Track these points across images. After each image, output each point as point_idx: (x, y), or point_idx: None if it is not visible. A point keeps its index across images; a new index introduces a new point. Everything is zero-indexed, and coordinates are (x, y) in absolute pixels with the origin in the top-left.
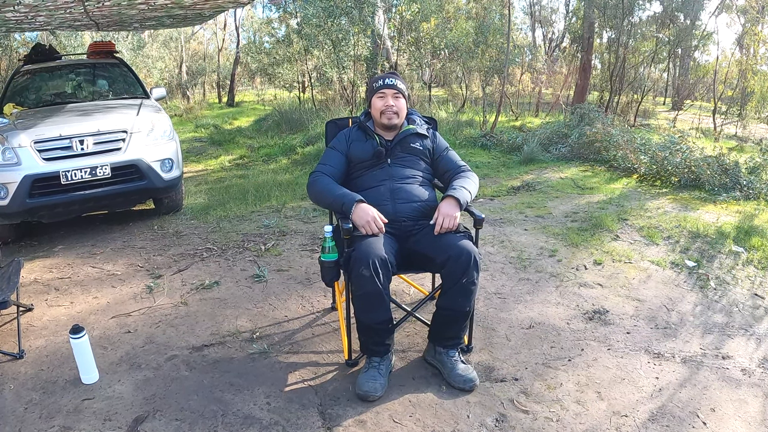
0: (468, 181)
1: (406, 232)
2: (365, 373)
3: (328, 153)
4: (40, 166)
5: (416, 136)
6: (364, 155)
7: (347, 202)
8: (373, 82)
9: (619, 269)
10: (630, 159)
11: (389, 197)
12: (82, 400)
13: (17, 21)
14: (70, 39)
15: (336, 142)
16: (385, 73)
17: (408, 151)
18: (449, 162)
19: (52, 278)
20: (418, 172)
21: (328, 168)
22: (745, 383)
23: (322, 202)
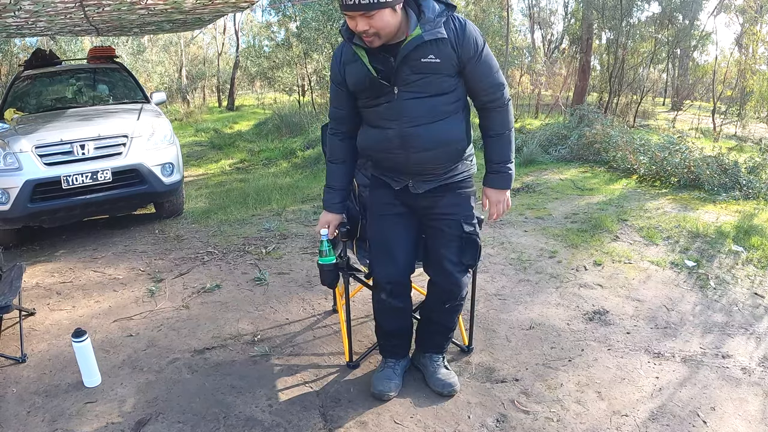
0: (506, 144)
1: (423, 207)
2: (380, 373)
3: (333, 91)
4: (42, 171)
5: (429, 45)
6: (359, 85)
7: (324, 203)
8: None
9: (618, 270)
10: (629, 160)
11: (400, 146)
12: (84, 403)
13: (18, 26)
14: (70, 44)
15: (332, 70)
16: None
17: (420, 70)
18: (477, 78)
19: (54, 282)
20: (441, 98)
21: (338, 116)
22: (745, 382)
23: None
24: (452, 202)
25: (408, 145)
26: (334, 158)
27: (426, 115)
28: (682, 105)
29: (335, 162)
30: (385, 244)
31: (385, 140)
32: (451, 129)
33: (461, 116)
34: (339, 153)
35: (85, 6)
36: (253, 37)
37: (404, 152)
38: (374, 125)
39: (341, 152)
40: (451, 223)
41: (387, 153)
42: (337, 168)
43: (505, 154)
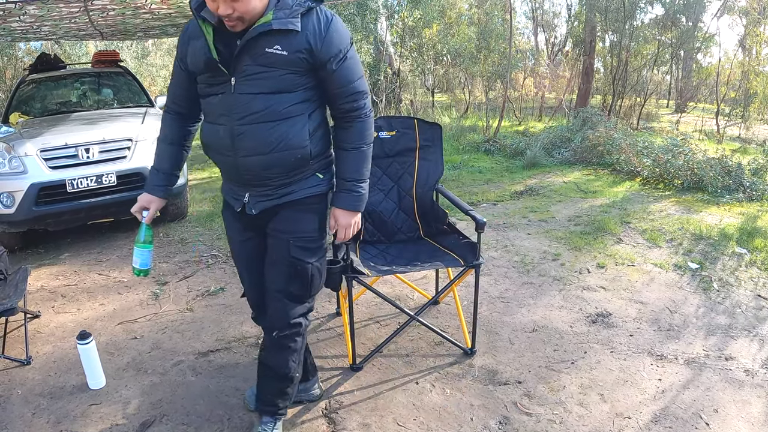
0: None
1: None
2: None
3: (175, 68)
4: (46, 174)
5: (277, 34)
6: (197, 65)
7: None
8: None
9: (622, 272)
10: (633, 162)
11: (230, 146)
12: (89, 405)
13: (23, 31)
14: (75, 48)
15: (178, 44)
16: None
17: (262, 61)
18: (338, 82)
19: (59, 285)
20: (281, 96)
21: (175, 93)
22: (748, 384)
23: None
24: (286, 217)
25: (237, 146)
26: (163, 137)
27: (261, 113)
28: (685, 107)
29: (164, 141)
30: (243, 268)
31: (217, 138)
32: (289, 132)
33: (307, 121)
34: (168, 132)
35: (90, 11)
36: None
37: (233, 155)
38: (209, 120)
39: (171, 132)
40: (279, 242)
41: (220, 154)
42: (165, 148)
43: (360, 171)
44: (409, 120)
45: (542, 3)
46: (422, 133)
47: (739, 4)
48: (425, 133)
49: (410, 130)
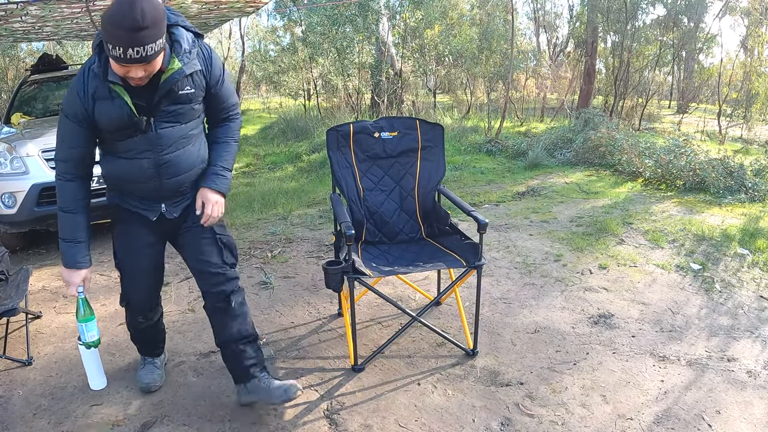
0: (232, 152)
1: (176, 227)
2: (143, 369)
3: (65, 125)
4: (48, 174)
5: (187, 76)
6: (115, 123)
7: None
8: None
9: (624, 273)
10: (635, 163)
11: (154, 174)
12: (90, 406)
13: (24, 31)
14: (77, 48)
15: (71, 105)
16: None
17: (176, 100)
18: (223, 100)
19: (60, 286)
20: (191, 123)
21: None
22: (751, 385)
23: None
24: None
25: (163, 172)
26: (73, 207)
27: (179, 141)
28: (687, 108)
29: (75, 211)
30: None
31: (138, 170)
32: (198, 151)
33: (203, 136)
34: (79, 200)
35: (92, 11)
36: (259, 42)
37: (158, 180)
38: (124, 156)
39: (82, 198)
40: (203, 230)
41: (140, 183)
42: (76, 217)
43: (229, 160)
44: (410, 120)
45: (544, 4)
46: (424, 134)
47: (741, 4)
48: (427, 134)
49: (412, 131)
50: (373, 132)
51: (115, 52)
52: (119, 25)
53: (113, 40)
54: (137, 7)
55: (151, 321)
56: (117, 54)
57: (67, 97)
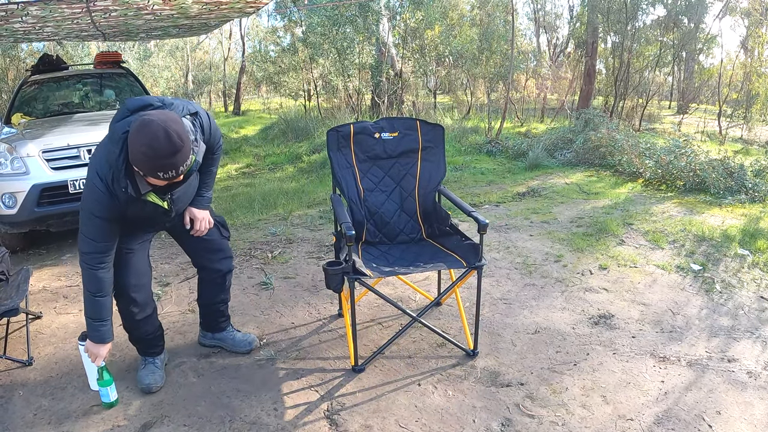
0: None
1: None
2: (144, 369)
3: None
4: (48, 175)
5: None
6: (147, 216)
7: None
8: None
9: (624, 274)
10: (635, 163)
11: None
12: (90, 406)
13: (25, 31)
14: (77, 49)
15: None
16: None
17: (190, 187)
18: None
19: (61, 286)
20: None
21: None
22: (751, 386)
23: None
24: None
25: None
26: (102, 293)
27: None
28: (687, 108)
29: (104, 296)
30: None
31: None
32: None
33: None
34: (107, 286)
35: (93, 11)
36: (259, 42)
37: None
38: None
39: (109, 284)
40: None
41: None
42: (105, 301)
43: (210, 185)
44: (411, 121)
45: (544, 4)
46: (424, 135)
47: (741, 5)
48: (427, 135)
49: (412, 132)
50: (374, 132)
51: (167, 176)
52: (164, 155)
53: (163, 169)
54: (171, 133)
55: (148, 311)
56: (170, 176)
57: (93, 202)
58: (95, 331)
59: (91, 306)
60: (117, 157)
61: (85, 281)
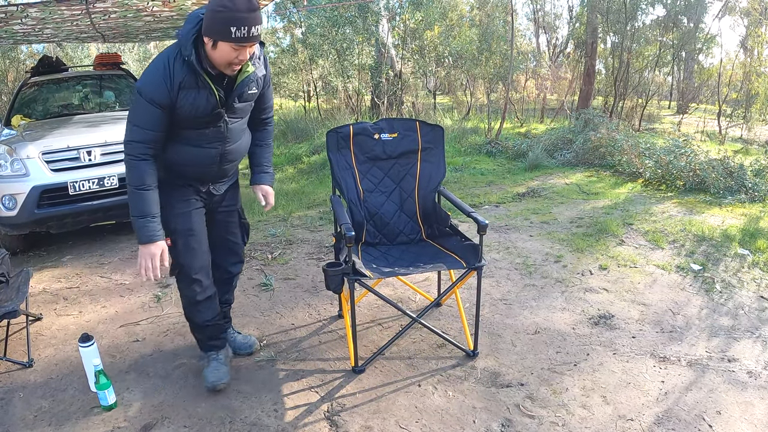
0: (271, 152)
1: (215, 203)
2: (209, 367)
3: (145, 109)
4: (48, 177)
5: (255, 79)
6: (198, 112)
7: (144, 235)
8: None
9: (624, 274)
10: (635, 163)
11: (218, 160)
12: (91, 407)
13: (24, 33)
14: (77, 51)
15: (155, 91)
16: (249, 7)
17: (244, 99)
18: (267, 100)
19: (61, 288)
20: (246, 118)
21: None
22: (752, 386)
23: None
24: (233, 195)
25: (224, 160)
26: (147, 185)
27: (240, 134)
28: (687, 108)
29: (149, 188)
30: (194, 237)
31: (206, 158)
32: (247, 141)
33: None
34: (152, 178)
35: (92, 13)
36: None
37: (219, 165)
38: (194, 144)
39: (154, 176)
40: (234, 213)
41: (202, 167)
42: (151, 194)
43: (270, 159)
44: (410, 122)
45: (543, 5)
46: (424, 135)
47: (741, 4)
48: (427, 135)
49: (412, 132)
50: (373, 133)
51: (240, 33)
52: (241, 9)
53: (237, 23)
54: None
55: (209, 292)
56: (241, 34)
57: (147, 83)
58: (142, 229)
59: (136, 201)
60: (189, 30)
61: (128, 176)
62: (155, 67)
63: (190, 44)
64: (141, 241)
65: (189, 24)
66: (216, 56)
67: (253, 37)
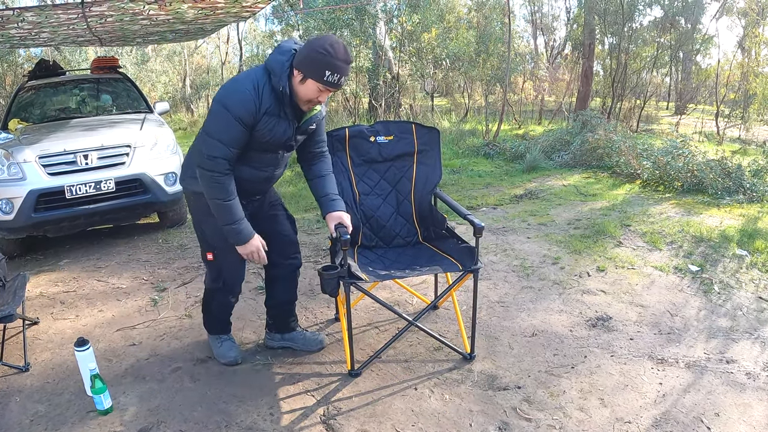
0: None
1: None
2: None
3: (231, 126)
4: (45, 180)
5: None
6: (274, 138)
7: (241, 238)
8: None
9: (622, 275)
10: (632, 165)
11: (264, 181)
12: (87, 412)
13: (21, 37)
14: (75, 54)
15: (244, 111)
16: (345, 59)
17: (303, 133)
18: (321, 133)
19: (58, 292)
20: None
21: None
22: (750, 387)
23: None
24: (273, 193)
25: (269, 181)
26: (230, 196)
27: (286, 161)
28: (685, 109)
29: (234, 197)
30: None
31: (256, 179)
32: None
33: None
34: (232, 189)
35: (88, 17)
36: (257, 46)
37: (264, 185)
38: (251, 165)
39: (233, 188)
40: (278, 206)
41: (250, 185)
42: (234, 202)
43: (335, 187)
44: (406, 124)
45: (541, 6)
46: (420, 138)
47: (738, 5)
48: (423, 137)
49: (408, 135)
50: (369, 136)
51: (332, 79)
52: (340, 58)
53: (333, 68)
54: (347, 48)
55: (238, 298)
56: (333, 80)
57: (237, 101)
58: (237, 234)
59: (224, 212)
60: (282, 62)
61: (212, 192)
62: (244, 87)
63: (285, 76)
64: (240, 242)
65: (281, 55)
66: (301, 90)
67: (340, 84)
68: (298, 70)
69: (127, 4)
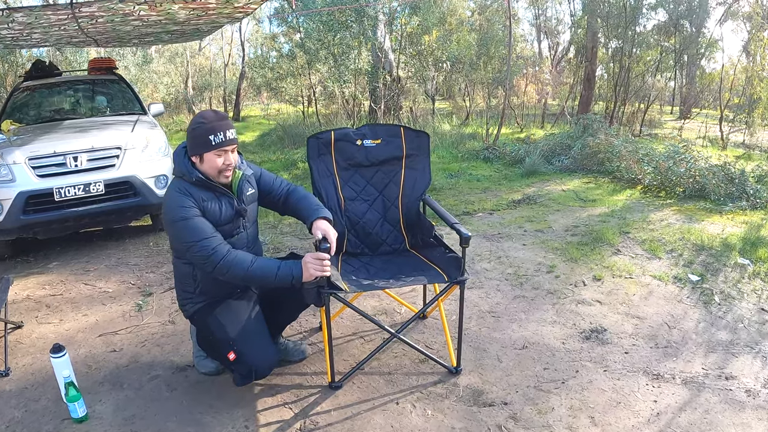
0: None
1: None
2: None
3: (195, 224)
4: (34, 182)
5: (246, 179)
6: (223, 217)
7: (296, 274)
8: (206, 134)
9: (619, 285)
10: (633, 170)
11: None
12: (62, 420)
13: (13, 38)
14: (76, 55)
15: (184, 206)
16: (218, 117)
17: (249, 200)
18: (272, 179)
19: (45, 295)
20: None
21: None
22: (750, 405)
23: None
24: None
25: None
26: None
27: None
28: (689, 113)
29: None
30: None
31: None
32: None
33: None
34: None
35: (78, 18)
36: (260, 48)
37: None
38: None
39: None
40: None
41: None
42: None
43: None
44: (395, 128)
45: (545, 10)
46: (409, 142)
47: (743, 9)
48: (412, 142)
49: (396, 138)
50: (356, 139)
51: (218, 139)
52: (213, 120)
53: (213, 131)
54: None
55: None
56: (220, 139)
57: (178, 207)
58: (287, 275)
59: (260, 273)
60: (180, 161)
61: (234, 274)
62: (173, 196)
63: (190, 167)
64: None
65: (177, 157)
66: (207, 168)
67: (230, 140)
68: (192, 155)
69: (117, 5)
